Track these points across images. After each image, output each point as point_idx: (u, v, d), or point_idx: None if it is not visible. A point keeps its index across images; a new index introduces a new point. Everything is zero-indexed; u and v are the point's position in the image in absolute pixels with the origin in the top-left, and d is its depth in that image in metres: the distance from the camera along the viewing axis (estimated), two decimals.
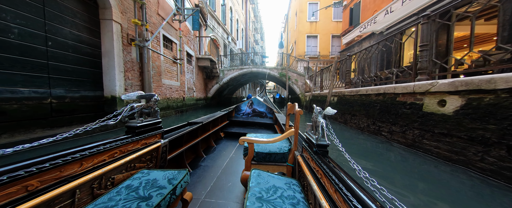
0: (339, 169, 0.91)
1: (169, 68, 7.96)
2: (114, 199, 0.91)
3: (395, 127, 3.53)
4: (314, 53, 19.96)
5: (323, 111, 1.22)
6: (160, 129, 1.62)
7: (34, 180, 0.78)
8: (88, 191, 1.00)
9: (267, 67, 14.23)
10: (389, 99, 3.80)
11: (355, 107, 5.14)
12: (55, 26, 3.76)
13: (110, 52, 4.79)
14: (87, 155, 1.00)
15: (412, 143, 3.13)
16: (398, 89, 3.54)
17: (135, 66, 5.59)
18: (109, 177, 1.12)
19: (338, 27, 19.30)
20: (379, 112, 4.03)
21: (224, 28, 17.05)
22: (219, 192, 1.74)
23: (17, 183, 0.73)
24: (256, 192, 0.99)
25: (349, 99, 5.59)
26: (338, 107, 6.29)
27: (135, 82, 5.62)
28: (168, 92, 7.75)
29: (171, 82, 8.00)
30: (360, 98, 4.93)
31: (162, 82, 7.22)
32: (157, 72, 6.86)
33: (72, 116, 4.08)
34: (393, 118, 3.59)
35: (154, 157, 1.53)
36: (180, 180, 1.13)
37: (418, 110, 3.05)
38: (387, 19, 6.19)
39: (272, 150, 1.63)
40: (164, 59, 7.45)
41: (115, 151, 1.20)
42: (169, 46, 8.09)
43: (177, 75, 8.69)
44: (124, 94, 1.37)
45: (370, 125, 4.33)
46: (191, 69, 10.83)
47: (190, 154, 2.51)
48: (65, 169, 0.90)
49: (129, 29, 5.33)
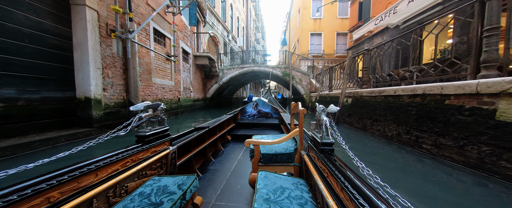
0: (345, 167, 0.90)
1: (162, 66, 7.14)
2: (128, 207, 0.94)
3: (444, 139, 2.67)
4: (318, 51, 19.09)
5: (326, 108, 1.19)
6: (168, 136, 1.64)
7: (55, 191, 0.82)
8: (104, 199, 1.03)
9: (269, 65, 13.39)
10: (432, 102, 2.95)
11: (378, 110, 4.28)
12: (1, 8, 2.94)
13: (83, 45, 3.97)
14: (102, 165, 1.03)
15: (478, 164, 2.27)
16: (448, 90, 2.68)
17: (117, 63, 4.77)
18: (123, 185, 1.15)
19: (344, 24, 18.42)
20: (417, 117, 3.18)
21: (224, 26, 16.22)
22: (229, 195, 1.75)
23: (40, 195, 0.76)
24: (263, 194, 1.00)
25: (368, 101, 4.73)
26: (354, 109, 5.44)
27: (117, 81, 4.79)
28: (160, 93, 6.92)
29: (163, 81, 7.18)
30: (385, 100, 4.08)
31: (152, 82, 6.40)
32: (146, 70, 6.04)
33: (29, 122, 3.25)
34: (441, 126, 2.73)
35: (164, 164, 1.55)
36: (189, 185, 1.15)
37: (487, 118, 2.19)
38: (412, 7, 5.33)
39: (278, 150, 1.63)
40: (155, 55, 6.63)
41: (127, 160, 1.22)
42: (161, 42, 7.27)
43: (171, 73, 7.87)
44: (132, 106, 1.36)
45: (402, 133, 3.47)
46: (188, 68, 10.01)
47: (199, 158, 2.52)
48: (82, 180, 0.93)
49: (108, 18, 4.51)
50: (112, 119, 4.59)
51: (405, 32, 4.43)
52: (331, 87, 7.98)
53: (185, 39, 9.51)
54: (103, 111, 4.34)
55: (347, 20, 18.24)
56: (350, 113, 5.66)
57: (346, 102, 5.99)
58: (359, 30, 8.30)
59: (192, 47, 10.64)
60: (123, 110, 4.96)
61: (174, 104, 8.03)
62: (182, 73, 9.14)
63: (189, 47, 10.14)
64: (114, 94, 4.71)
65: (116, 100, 4.75)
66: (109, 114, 4.52)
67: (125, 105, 5.05)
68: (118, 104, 4.81)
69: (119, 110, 4.83)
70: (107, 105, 4.48)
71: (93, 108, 4.09)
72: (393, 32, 8.47)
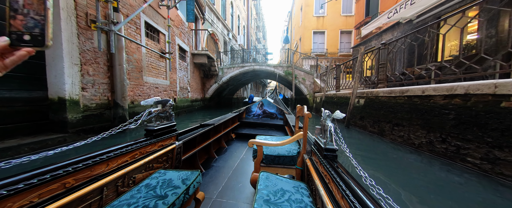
0: (347, 175, 0.89)
1: (155, 63, 6.56)
2: (135, 197, 0.98)
3: (502, 152, 2.07)
4: (321, 50, 18.47)
5: (331, 114, 1.18)
6: (175, 131, 1.66)
7: (70, 178, 0.88)
8: (113, 188, 1.08)
9: (271, 64, 12.81)
10: (479, 105, 2.35)
11: (400, 113, 3.68)
12: None
13: (56, 37, 3.39)
14: (112, 156, 1.09)
15: None
16: (506, 89, 2.08)
17: (99, 58, 4.20)
18: (131, 176, 1.20)
19: (348, 22, 17.80)
20: (456, 123, 2.58)
21: (224, 24, 15.65)
22: (230, 193, 1.76)
23: (57, 180, 0.84)
24: (264, 195, 1.01)
25: (386, 102, 4.13)
26: (368, 111, 4.84)
27: (100, 79, 4.22)
28: (153, 93, 6.35)
29: (157, 80, 6.60)
30: (410, 101, 3.48)
31: (143, 80, 5.82)
32: (136, 68, 5.46)
33: None
34: (496, 136, 2.14)
35: (169, 158, 1.57)
36: (193, 181, 1.17)
37: None
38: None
39: (281, 152, 1.63)
40: (147, 52, 6.06)
41: (136, 153, 1.26)
42: (155, 38, 6.69)
43: (166, 72, 7.29)
44: (143, 100, 1.41)
45: (436, 142, 2.87)
46: (185, 66, 9.44)
47: (203, 154, 2.53)
48: (95, 169, 1.00)
49: (89, 6, 3.94)
50: (93, 122, 4.02)
51: (420, 26, 3.89)
52: (338, 86, 7.37)
53: (182, 36, 8.94)
54: (81, 113, 3.76)
55: (351, 17, 17.62)
56: (362, 115, 5.06)
57: (357, 104, 5.39)
58: (369, 25, 7.69)
59: (190, 45, 10.07)
60: (107, 112, 4.38)
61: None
62: (179, 72, 8.57)
63: (187, 44, 9.57)
64: (96, 95, 4.13)
65: (98, 101, 4.17)
66: (89, 117, 3.94)
67: (110, 106, 4.47)
68: (101, 105, 4.23)
69: (102, 112, 4.25)
70: (87, 107, 3.90)
71: (69, 110, 3.51)
72: (405, 28, 7.85)
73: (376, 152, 3.38)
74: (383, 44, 4.53)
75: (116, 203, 0.92)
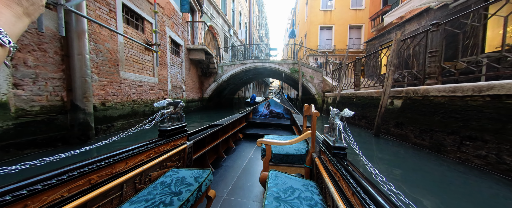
0: (357, 172, 0.89)
1: (138, 56, 5.44)
2: (152, 193, 1.04)
3: None
4: (328, 47, 17.21)
5: (340, 112, 1.18)
6: (186, 132, 1.71)
7: (94, 175, 0.94)
8: (132, 185, 1.14)
9: (275, 61, 11.61)
10: None
11: (476, 121, 2.48)
12: None
13: None
14: (130, 155, 1.14)
15: None
16: None
17: (46, 45, 3.07)
18: (147, 174, 1.25)
19: (358, 16, 16.53)
20: None
21: (225, 19, 14.51)
22: (239, 191, 1.78)
23: (83, 177, 0.89)
24: (274, 192, 1.03)
25: (445, 104, 2.94)
26: (409, 116, 3.64)
27: (47, 72, 3.08)
28: (134, 92, 5.23)
29: (140, 77, 5.48)
30: (498, 104, 2.28)
31: (121, 77, 4.69)
32: (109, 60, 4.34)
33: None
34: None
35: (181, 157, 1.63)
36: (205, 179, 1.21)
37: None
38: None
39: (289, 151, 1.65)
40: (126, 42, 4.94)
41: (151, 152, 1.32)
42: (138, 26, 5.57)
43: (153, 67, 6.16)
44: (156, 102, 1.52)
45: None
46: (179, 63, 8.32)
47: (212, 154, 2.56)
48: (115, 167, 1.06)
49: None
50: (37, 132, 2.89)
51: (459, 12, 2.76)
52: (358, 84, 6.16)
53: (175, 28, 7.82)
54: (12, 120, 2.64)
55: (361, 11, 16.35)
56: (400, 121, 3.86)
57: (391, 106, 4.19)
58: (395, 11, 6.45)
59: (185, 38, 8.95)
60: (60, 118, 3.25)
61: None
62: (171, 68, 7.45)
63: (181, 38, 8.44)
64: (42, 94, 3.00)
65: (45, 102, 3.05)
66: (29, 125, 2.81)
67: (65, 109, 3.34)
68: (49, 108, 3.11)
69: (51, 117, 3.12)
70: (25, 111, 2.78)
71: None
72: (437, 15, 6.61)
73: (440, 183, 2.18)
74: (435, 24, 3.32)
75: (135, 199, 0.99)
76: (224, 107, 14.28)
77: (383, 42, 9.63)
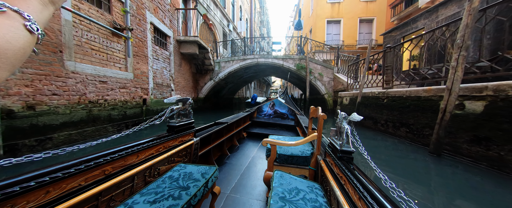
0: (364, 177, 0.87)
1: (100, 43, 4.07)
2: (161, 186, 1.07)
3: None
4: (336, 42, 15.77)
5: (348, 116, 1.16)
6: (193, 128, 1.75)
7: (108, 166, 1.00)
8: (142, 178, 1.19)
9: (279, 56, 10.23)
10: None
11: None
12: None
13: None
14: (141, 148, 1.19)
15: None
16: None
17: None
18: (156, 168, 1.30)
19: (368, 8, 15.08)
20: None
21: (224, 13, 13.14)
22: (243, 189, 1.81)
23: (99, 167, 0.94)
24: (279, 192, 1.03)
25: None
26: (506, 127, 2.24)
27: None
28: (93, 90, 3.87)
29: (103, 70, 4.11)
30: None
31: (66, 68, 3.34)
32: (44, 44, 2.99)
33: None
34: None
35: (188, 152, 1.66)
36: (211, 175, 1.24)
37: None
38: None
39: (295, 152, 1.65)
40: (79, 21, 3.58)
41: (160, 146, 1.36)
42: (102, 3, 4.21)
43: (125, 59, 4.80)
44: (166, 98, 1.50)
45: None
46: (167, 56, 6.98)
47: (217, 151, 2.59)
48: (127, 159, 1.11)
49: None
50: None
51: None
52: (389, 81, 4.75)
53: (160, 14, 6.46)
54: None
55: (373, 3, 14.91)
56: (483, 134, 2.46)
57: (461, 111, 2.78)
58: None
59: (175, 29, 7.59)
60: None
61: (130, 110, 4.94)
62: (154, 62, 6.09)
63: (169, 28, 7.08)
64: None
65: None
66: None
67: None
68: None
69: None
70: None
71: None
72: None
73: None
74: None
75: (145, 191, 1.02)
76: (222, 108, 12.92)
77: (407, 33, 8.20)
